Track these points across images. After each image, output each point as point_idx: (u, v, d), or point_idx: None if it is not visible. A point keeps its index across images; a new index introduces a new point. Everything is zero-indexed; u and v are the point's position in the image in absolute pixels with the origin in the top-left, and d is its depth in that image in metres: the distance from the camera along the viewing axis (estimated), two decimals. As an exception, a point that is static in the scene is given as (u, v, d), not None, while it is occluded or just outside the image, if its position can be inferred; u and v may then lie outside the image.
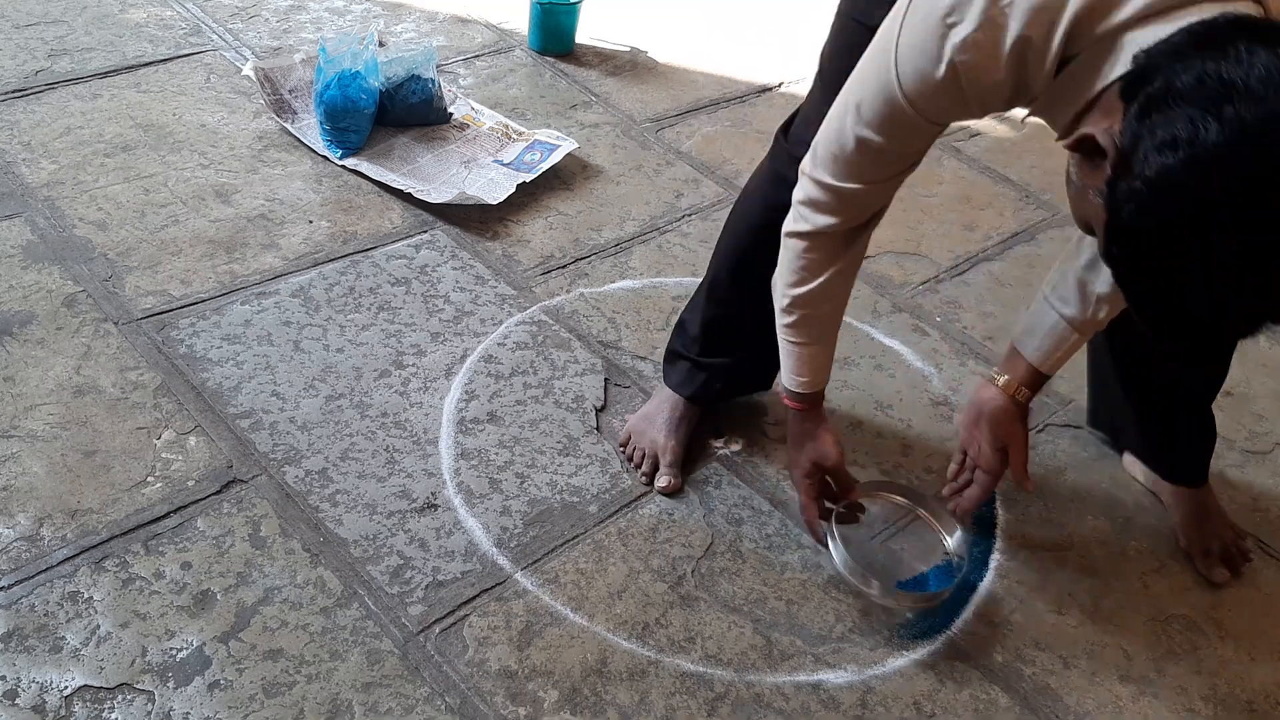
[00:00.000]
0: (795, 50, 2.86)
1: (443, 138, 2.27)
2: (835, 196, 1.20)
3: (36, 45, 2.34)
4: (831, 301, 1.33)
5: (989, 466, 1.44)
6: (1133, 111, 0.88)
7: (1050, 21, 0.96)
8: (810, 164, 1.22)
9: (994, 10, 0.97)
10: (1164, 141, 0.84)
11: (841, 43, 1.31)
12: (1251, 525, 1.70)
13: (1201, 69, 0.84)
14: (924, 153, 1.19)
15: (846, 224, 1.24)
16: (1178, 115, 0.83)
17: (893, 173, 1.20)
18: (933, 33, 1.01)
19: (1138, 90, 0.88)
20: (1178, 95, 0.84)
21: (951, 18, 0.99)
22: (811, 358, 1.38)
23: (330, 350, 1.73)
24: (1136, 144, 0.86)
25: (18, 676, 1.24)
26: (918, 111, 1.07)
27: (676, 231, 2.14)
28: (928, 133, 1.13)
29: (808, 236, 1.25)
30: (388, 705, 1.27)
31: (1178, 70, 0.85)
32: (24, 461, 1.48)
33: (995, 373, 1.44)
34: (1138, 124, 0.87)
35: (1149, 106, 0.86)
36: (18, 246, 1.82)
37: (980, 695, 1.40)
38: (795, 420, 1.45)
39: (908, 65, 1.04)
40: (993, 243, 2.27)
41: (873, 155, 1.15)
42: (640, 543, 1.52)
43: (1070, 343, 1.40)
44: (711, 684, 1.36)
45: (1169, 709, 1.42)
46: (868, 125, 1.12)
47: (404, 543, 1.46)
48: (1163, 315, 0.94)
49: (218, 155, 2.12)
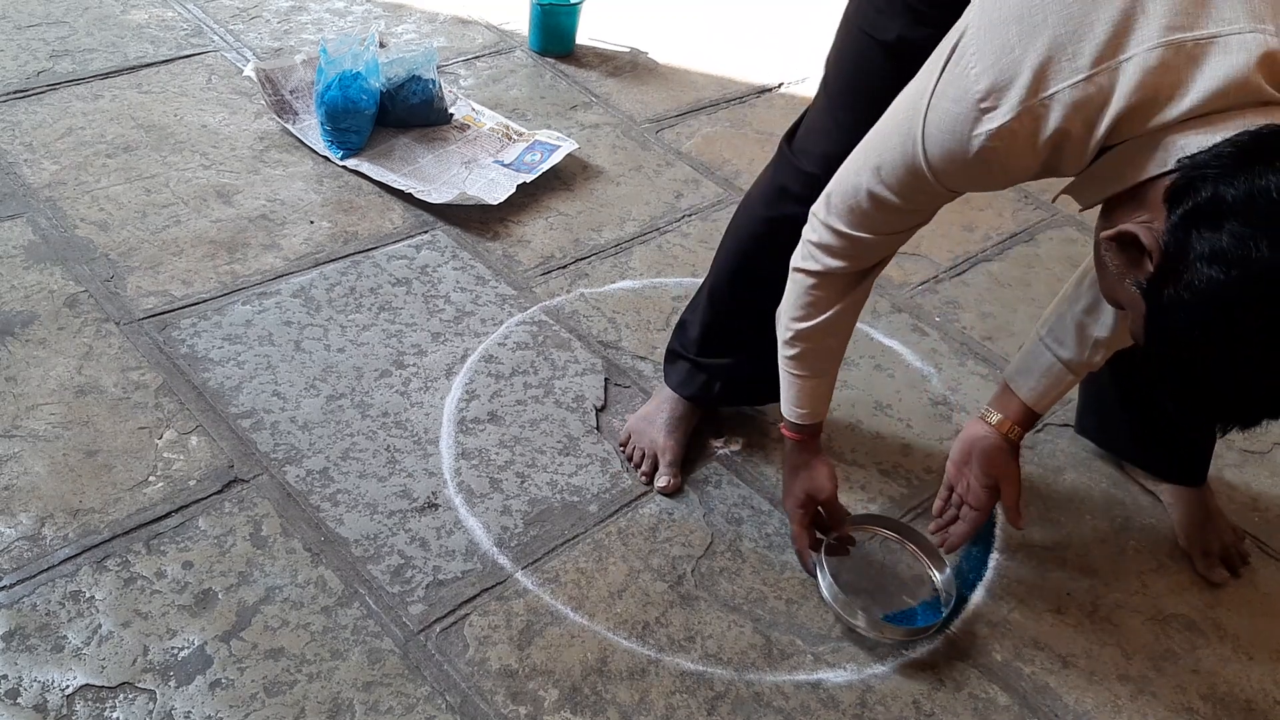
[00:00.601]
0: (795, 51, 2.86)
1: (443, 138, 2.28)
2: (846, 243, 1.21)
3: (38, 46, 2.34)
4: (835, 337, 1.33)
5: (978, 503, 1.43)
6: (1177, 217, 0.90)
7: (1091, 117, 0.95)
8: (825, 210, 1.22)
9: (1033, 102, 0.95)
10: (1214, 254, 0.86)
11: (848, 54, 1.32)
12: (1250, 525, 1.70)
13: (1251, 185, 0.85)
14: (938, 210, 1.20)
15: (854, 268, 1.25)
16: (1228, 230, 0.86)
17: (906, 227, 1.20)
18: (966, 115, 0.99)
19: (1183, 197, 0.89)
20: (1228, 209, 0.86)
21: (986, 103, 0.97)
22: (813, 390, 1.39)
23: (331, 350, 1.74)
24: (1184, 253, 0.88)
25: (19, 676, 1.24)
26: (939, 182, 1.07)
27: (676, 232, 2.15)
28: (945, 199, 1.13)
29: (816, 275, 1.26)
30: (388, 704, 1.27)
31: (1227, 183, 0.87)
32: (26, 461, 1.48)
33: (987, 410, 1.44)
34: (1183, 232, 0.89)
35: (1197, 216, 0.88)
36: (20, 247, 1.82)
37: (979, 694, 1.40)
38: (792, 450, 1.46)
39: (936, 140, 1.03)
40: (992, 243, 2.27)
41: (888, 211, 1.15)
42: (640, 542, 1.52)
43: (1065, 383, 1.40)
44: (711, 683, 1.36)
45: (1167, 708, 1.42)
46: (886, 186, 1.12)
47: (405, 542, 1.46)
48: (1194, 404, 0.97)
49: (219, 156, 2.13)
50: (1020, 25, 0.95)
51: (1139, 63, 0.92)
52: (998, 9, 0.98)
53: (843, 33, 1.33)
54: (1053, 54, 0.94)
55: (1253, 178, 0.85)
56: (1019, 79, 0.95)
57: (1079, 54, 0.93)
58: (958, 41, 1.01)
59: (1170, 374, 0.95)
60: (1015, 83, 0.95)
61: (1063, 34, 0.94)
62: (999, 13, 0.97)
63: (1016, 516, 1.42)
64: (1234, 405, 0.94)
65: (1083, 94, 0.94)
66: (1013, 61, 0.95)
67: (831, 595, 1.43)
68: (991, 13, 0.98)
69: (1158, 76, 0.92)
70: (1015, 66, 0.95)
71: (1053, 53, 0.94)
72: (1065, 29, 0.93)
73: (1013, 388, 1.42)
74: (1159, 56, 0.91)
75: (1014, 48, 0.95)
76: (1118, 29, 0.92)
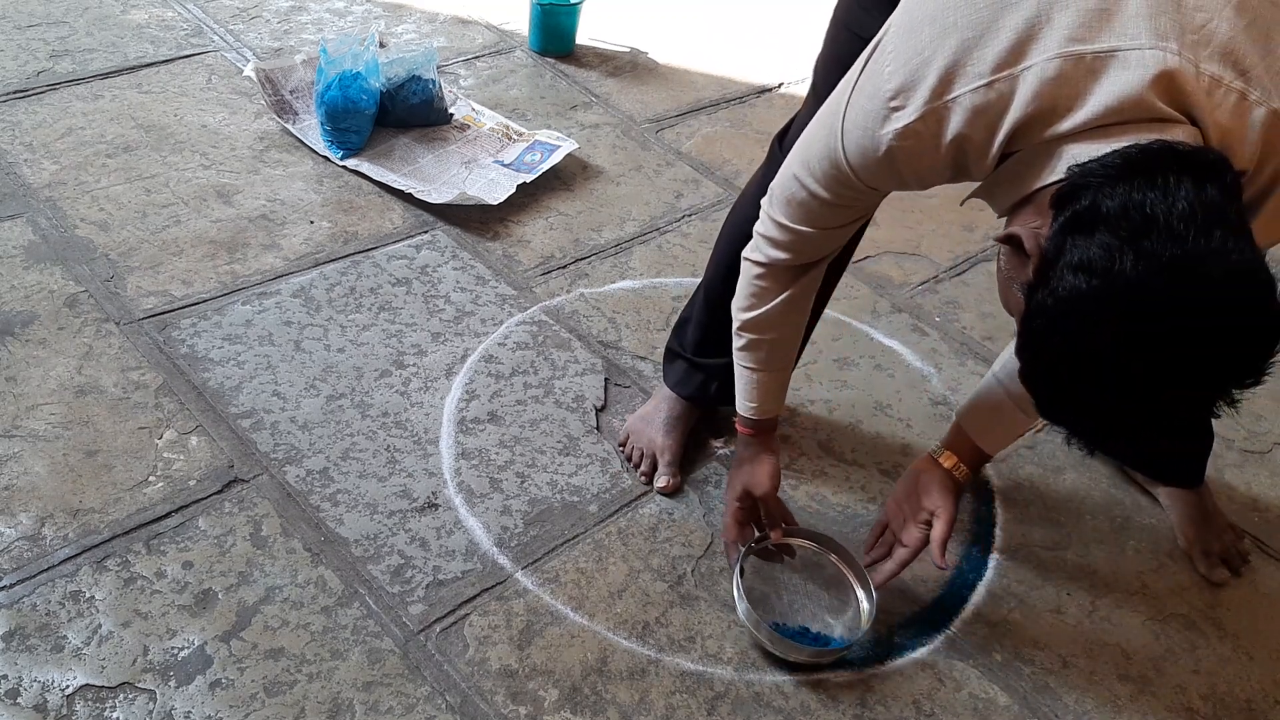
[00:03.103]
0: (795, 51, 2.86)
1: (443, 138, 2.28)
2: (787, 235, 1.22)
3: (38, 46, 2.34)
4: (779, 330, 1.33)
5: (910, 541, 1.39)
6: (1059, 223, 0.89)
7: (991, 124, 0.95)
8: (769, 203, 1.24)
9: (938, 104, 0.96)
10: (1080, 263, 0.85)
11: (833, 52, 1.32)
12: (1250, 525, 1.70)
13: (1128, 197, 0.84)
14: (874, 208, 1.21)
15: (798, 260, 1.26)
16: (1098, 239, 0.84)
17: (843, 222, 1.20)
18: (876, 113, 1.00)
19: (1066, 204, 0.89)
20: (1102, 219, 0.85)
21: (895, 102, 0.98)
22: (761, 384, 1.39)
23: (331, 350, 1.74)
24: (1057, 256, 0.87)
25: (19, 676, 1.24)
26: (859, 179, 1.08)
27: (676, 232, 2.15)
28: (871, 196, 1.14)
29: (761, 265, 1.28)
30: (388, 704, 1.27)
31: (1106, 193, 0.85)
32: (26, 461, 1.48)
33: (937, 448, 1.44)
34: (1060, 237, 0.88)
35: (1074, 223, 0.87)
36: (19, 247, 1.82)
37: (979, 694, 1.40)
38: (742, 444, 1.46)
39: (852, 137, 1.05)
40: (992, 243, 2.27)
41: (821, 205, 1.16)
42: (640, 542, 1.52)
43: (1017, 422, 1.39)
44: (711, 683, 1.36)
45: (1167, 708, 1.42)
46: (816, 181, 1.13)
47: (405, 542, 1.46)
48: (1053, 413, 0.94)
49: (219, 156, 2.13)
50: (933, 27, 0.96)
51: (1037, 72, 0.92)
52: (917, 9, 0.99)
53: (831, 32, 1.33)
54: (959, 57, 0.95)
55: (1130, 191, 0.84)
56: (925, 80, 0.96)
57: (982, 59, 0.94)
58: (880, 40, 1.02)
59: (1037, 381, 0.93)
60: (922, 84, 0.96)
61: (969, 38, 0.94)
62: (917, 14, 0.99)
63: (940, 554, 1.35)
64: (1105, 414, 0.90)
65: (983, 99, 0.94)
66: (922, 63, 0.96)
67: (739, 599, 1.38)
68: (912, 13, 1.00)
69: (1055, 87, 0.92)
70: (924, 68, 0.96)
71: (959, 56, 0.95)
72: (972, 33, 0.94)
73: (964, 426, 1.42)
74: (1057, 67, 0.91)
75: (925, 49, 0.96)
76: (1021, 37, 0.93)
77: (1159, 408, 0.87)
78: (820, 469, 1.68)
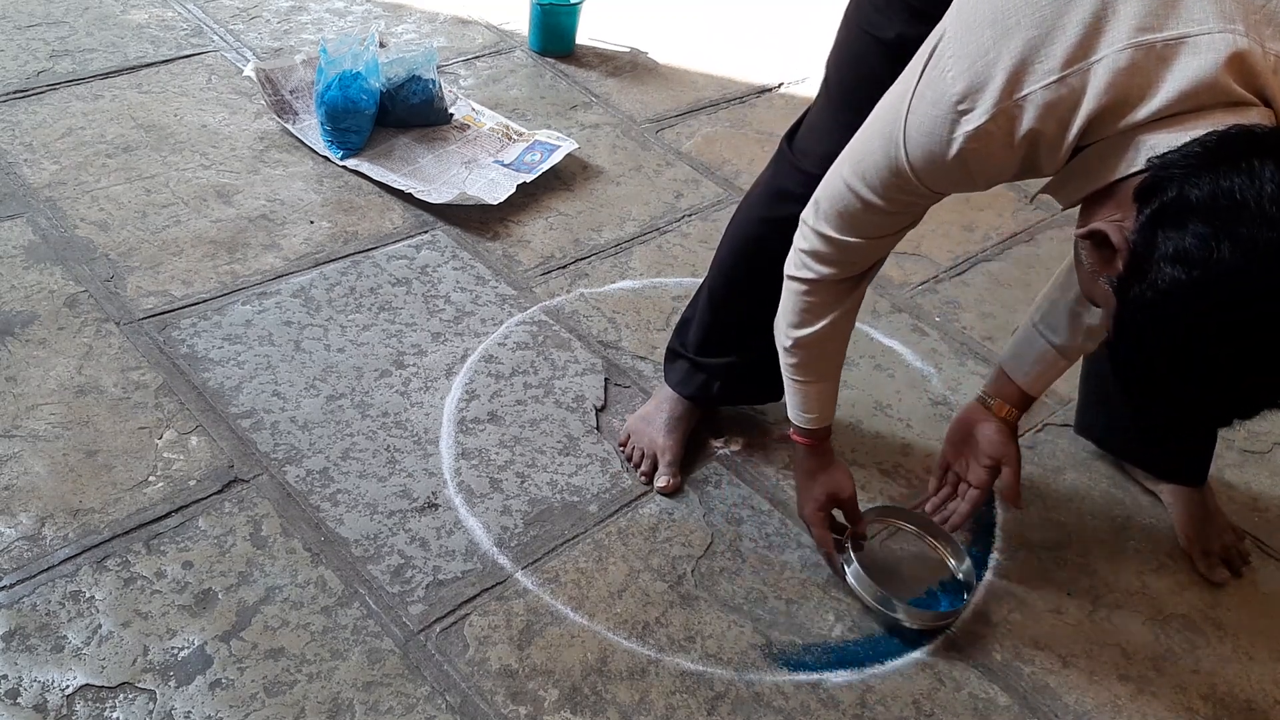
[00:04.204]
0: (795, 51, 2.86)
1: (443, 138, 2.28)
2: (836, 249, 1.22)
3: (38, 46, 2.34)
4: (833, 341, 1.35)
5: (978, 482, 1.45)
6: (1145, 216, 0.90)
7: (1064, 118, 0.96)
8: (814, 217, 1.23)
9: (1008, 103, 0.97)
10: (1176, 255, 0.87)
11: (849, 53, 1.32)
12: (1250, 525, 1.70)
13: (1215, 186, 0.86)
14: (925, 212, 1.21)
15: (847, 273, 1.26)
16: (1190, 230, 0.86)
17: (894, 229, 1.21)
18: (943, 118, 1.01)
19: (1151, 197, 0.90)
20: (1192, 209, 0.86)
21: (963, 105, 0.99)
22: (819, 395, 1.40)
23: (331, 350, 1.74)
24: (1149, 251, 0.89)
25: (19, 676, 1.24)
26: (922, 183, 1.08)
27: (676, 232, 2.15)
28: (931, 199, 1.14)
29: (809, 283, 1.27)
30: (388, 704, 1.27)
31: (1191, 183, 0.87)
32: (26, 461, 1.48)
33: (984, 395, 1.46)
34: (1150, 231, 0.89)
35: (1163, 216, 0.89)
36: (19, 247, 1.82)
37: (979, 694, 1.40)
38: (806, 456, 1.47)
39: (916, 143, 1.05)
40: (992, 243, 2.27)
41: (875, 214, 1.16)
42: (640, 542, 1.52)
43: (1058, 367, 1.42)
44: (711, 683, 1.36)
45: (1167, 708, 1.42)
46: (871, 189, 1.13)
47: (405, 542, 1.46)
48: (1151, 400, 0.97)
49: (219, 156, 2.13)
50: (994, 29, 0.97)
51: (1109, 64, 0.93)
52: (973, 13, 0.99)
53: (844, 32, 1.33)
54: (1026, 56, 0.95)
55: (1217, 178, 0.86)
56: (993, 81, 0.97)
57: (1050, 56, 0.95)
58: (935, 45, 1.03)
59: (1132, 370, 0.96)
60: (990, 85, 0.97)
61: (1035, 36, 0.95)
62: (974, 17, 0.99)
63: (1016, 497, 1.43)
64: (1191, 404, 0.94)
65: (1055, 95, 0.95)
66: (988, 64, 0.97)
67: (871, 592, 1.45)
68: (967, 17, 1.00)
69: (1127, 77, 0.93)
70: (990, 69, 0.97)
71: (1026, 55, 0.95)
72: (1037, 31, 0.95)
73: (1008, 373, 1.45)
74: (1129, 58, 0.92)
75: (988, 50, 0.97)
76: (1088, 30, 0.93)
77: (1239, 395, 0.90)
78: (820, 469, 1.68)
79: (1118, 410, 1.70)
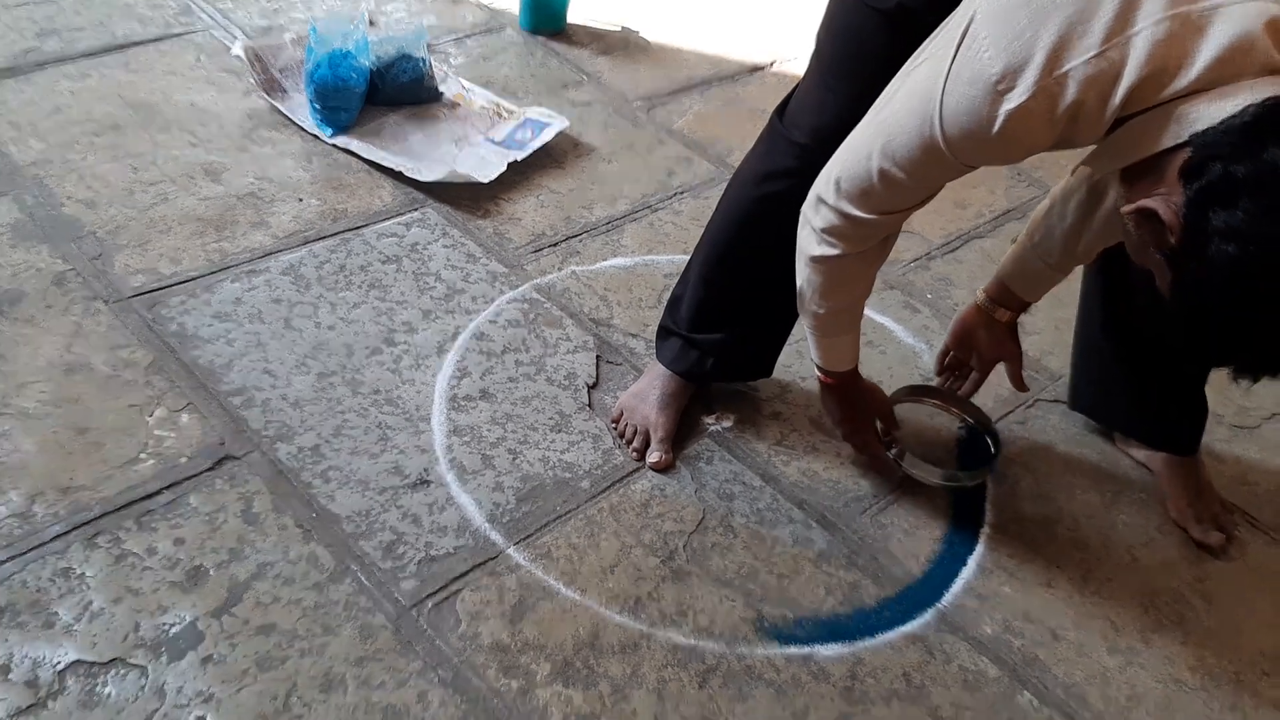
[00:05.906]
0: (787, 29, 2.85)
1: (434, 116, 2.27)
2: (861, 227, 1.25)
3: (25, 25, 2.32)
4: (859, 300, 1.44)
5: (982, 367, 1.62)
6: (1192, 193, 0.94)
7: (1105, 91, 0.99)
8: (834, 196, 1.25)
9: (1048, 80, 0.99)
10: (1230, 231, 0.91)
11: (844, 23, 1.32)
12: (1239, 499, 1.71)
13: (1259, 160, 0.90)
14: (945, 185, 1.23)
15: (864, 246, 1.30)
16: (1241, 207, 0.90)
17: (913, 203, 1.24)
18: (983, 97, 1.03)
19: (1197, 175, 0.94)
20: (1239, 186, 0.90)
21: (1003, 84, 1.01)
22: (852, 343, 1.48)
23: (321, 328, 1.73)
24: (1202, 228, 0.93)
25: (10, 652, 1.24)
26: (958, 159, 1.11)
27: (668, 210, 2.14)
28: (961, 173, 1.16)
29: (834, 260, 1.31)
30: (380, 679, 1.28)
31: (1237, 160, 0.91)
32: (16, 439, 1.48)
33: (985, 302, 1.57)
34: (1199, 209, 0.94)
35: (1211, 194, 0.93)
36: (6, 225, 1.81)
37: (969, 667, 1.41)
38: (843, 389, 1.53)
39: (954, 123, 1.06)
40: (984, 220, 2.27)
41: (898, 190, 1.19)
42: (632, 518, 1.52)
43: (1054, 280, 1.52)
44: (703, 656, 1.37)
45: (1156, 680, 1.43)
46: (897, 165, 1.15)
47: (397, 518, 1.46)
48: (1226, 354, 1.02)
49: (207, 134, 2.11)
50: (1028, 8, 1.00)
51: (1147, 35, 0.96)
52: None
53: (837, 3, 1.32)
54: (1066, 33, 0.98)
55: (1260, 154, 0.90)
56: (1034, 59, 0.99)
57: (1089, 31, 0.97)
58: (967, 27, 1.04)
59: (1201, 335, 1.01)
60: (1030, 63, 0.99)
61: (1072, 14, 0.98)
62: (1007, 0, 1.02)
63: (1022, 384, 1.61)
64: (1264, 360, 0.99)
65: (1095, 69, 0.98)
66: (1025, 44, 0.99)
67: (931, 473, 1.59)
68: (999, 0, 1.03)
69: (1166, 48, 0.96)
70: (1029, 48, 0.99)
71: (1065, 32, 0.98)
72: (1074, 8, 0.98)
73: (1008, 284, 1.54)
74: (1166, 29, 0.96)
75: (1024, 31, 0.99)
76: (1125, 5, 0.97)
77: None
78: (812, 444, 1.69)
79: (1110, 381, 1.71)
